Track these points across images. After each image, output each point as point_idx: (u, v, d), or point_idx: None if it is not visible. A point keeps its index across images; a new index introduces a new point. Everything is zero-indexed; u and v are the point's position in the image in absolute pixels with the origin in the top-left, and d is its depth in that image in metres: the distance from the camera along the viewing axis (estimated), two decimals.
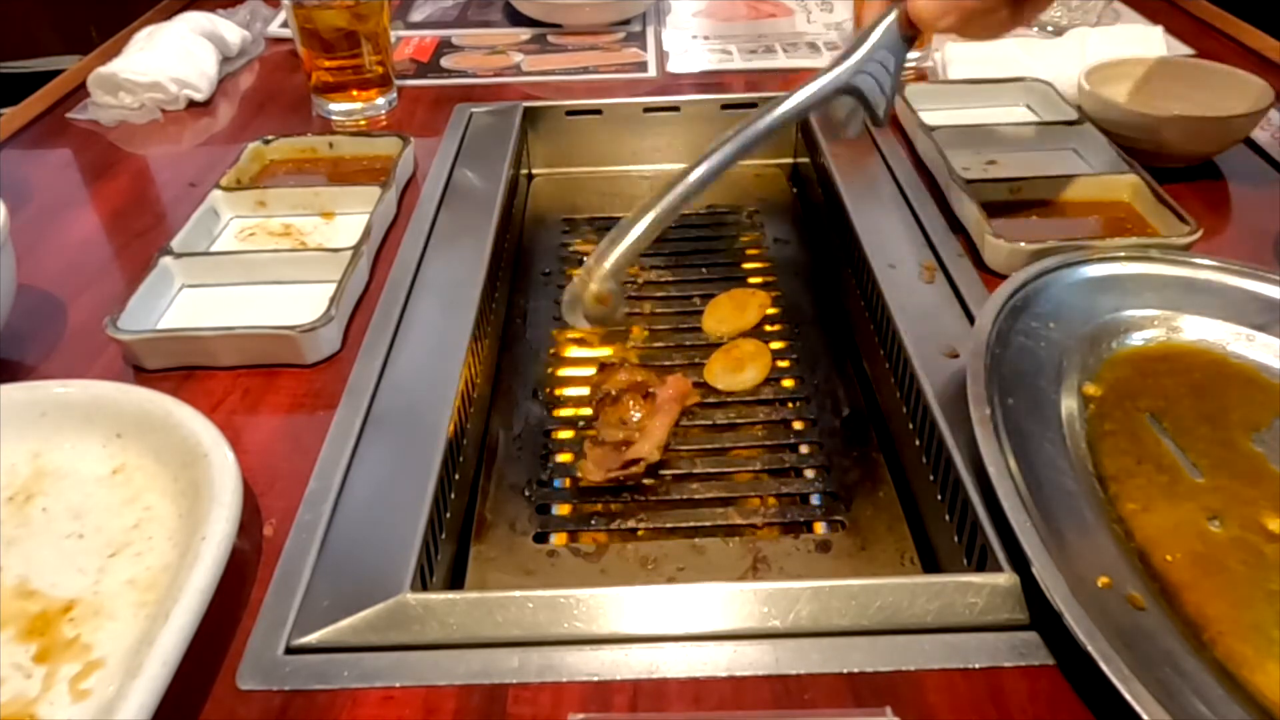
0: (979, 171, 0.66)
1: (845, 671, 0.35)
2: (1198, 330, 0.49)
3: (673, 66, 0.88)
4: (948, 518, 0.44)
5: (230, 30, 0.89)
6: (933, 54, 0.86)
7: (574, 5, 0.96)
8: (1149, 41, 0.82)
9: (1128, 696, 0.30)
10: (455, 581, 0.47)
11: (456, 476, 0.48)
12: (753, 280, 0.69)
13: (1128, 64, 0.72)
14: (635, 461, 0.51)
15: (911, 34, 0.45)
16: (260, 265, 0.57)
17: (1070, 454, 0.42)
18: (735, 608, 0.37)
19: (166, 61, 0.81)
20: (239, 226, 0.64)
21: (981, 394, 0.41)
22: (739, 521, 0.50)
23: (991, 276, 0.56)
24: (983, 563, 0.40)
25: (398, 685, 0.35)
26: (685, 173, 0.44)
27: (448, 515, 0.45)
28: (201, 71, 0.83)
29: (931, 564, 0.47)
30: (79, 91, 0.83)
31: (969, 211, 0.59)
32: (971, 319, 0.52)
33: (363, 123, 0.79)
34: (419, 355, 0.51)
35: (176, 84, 0.80)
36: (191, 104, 0.82)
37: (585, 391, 0.59)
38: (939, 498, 0.45)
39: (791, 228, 0.76)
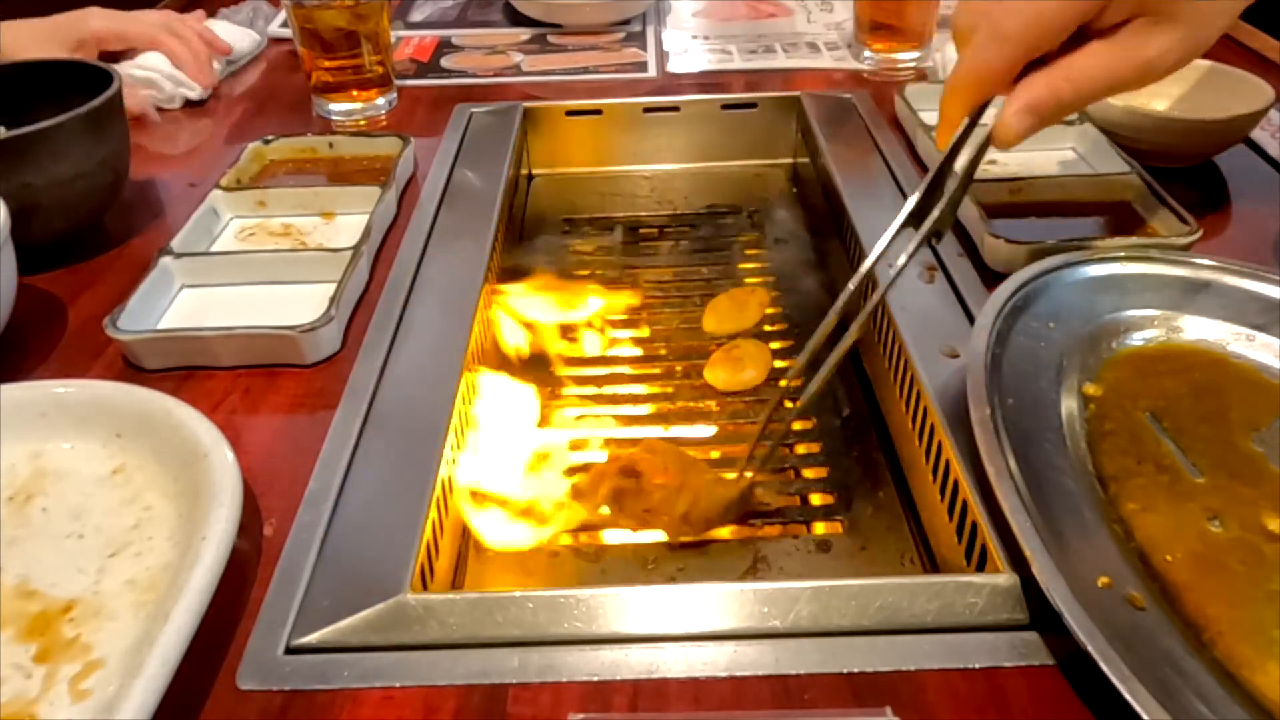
0: (979, 172, 0.66)
1: (845, 671, 0.35)
2: (1198, 330, 0.49)
3: (673, 66, 0.88)
4: (948, 518, 0.44)
5: (230, 30, 0.89)
6: (933, 54, 0.86)
7: (574, 5, 0.96)
8: None
9: (1128, 696, 0.30)
10: (455, 581, 0.47)
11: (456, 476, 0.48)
12: (752, 280, 0.69)
13: None
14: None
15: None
16: (260, 265, 0.57)
17: (1070, 454, 0.42)
18: (735, 608, 0.37)
19: (161, 60, 0.81)
20: (239, 226, 0.64)
21: (981, 394, 0.41)
22: (739, 522, 0.50)
23: (992, 276, 0.56)
24: (983, 563, 0.40)
25: (398, 685, 0.35)
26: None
27: (448, 515, 0.45)
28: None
29: (931, 564, 0.47)
30: None
31: (969, 211, 0.59)
32: (971, 319, 0.52)
33: (363, 123, 0.79)
34: (419, 355, 0.51)
35: (172, 81, 0.80)
36: (188, 103, 0.82)
37: (582, 391, 0.59)
38: (939, 498, 0.45)
39: (791, 228, 0.76)
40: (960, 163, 0.42)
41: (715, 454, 0.55)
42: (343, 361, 0.51)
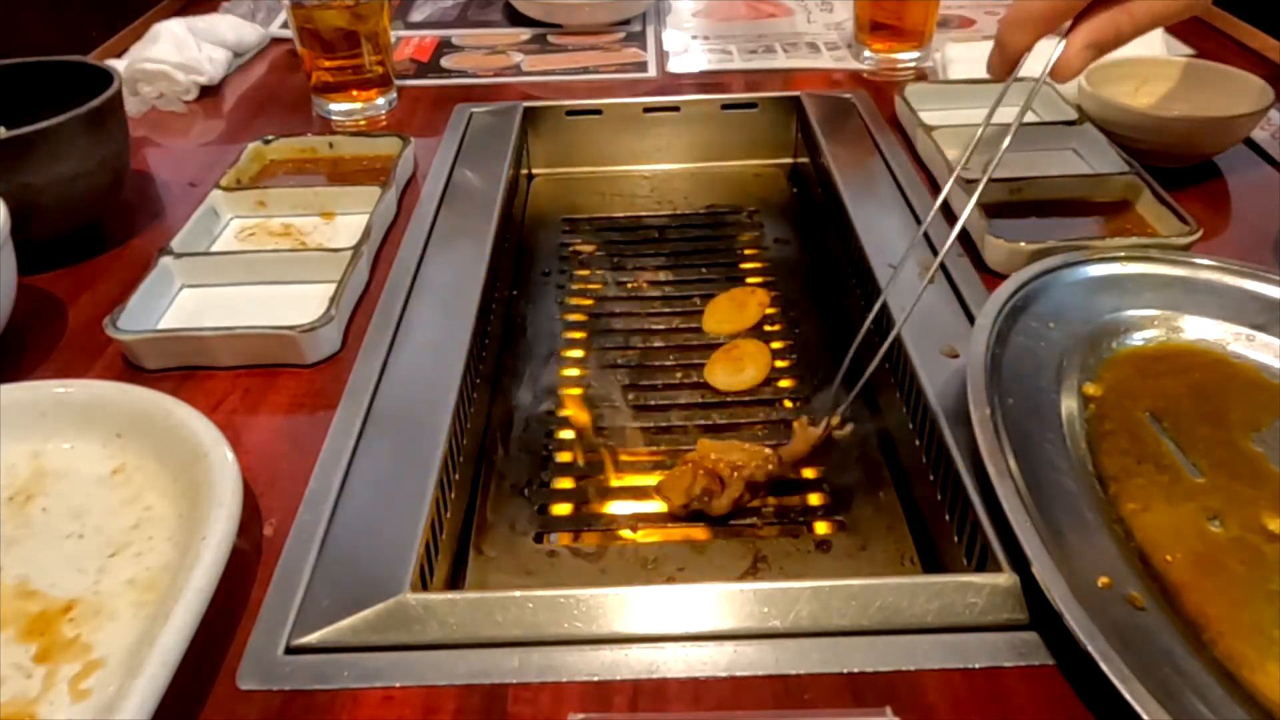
0: (979, 171, 0.66)
1: (845, 671, 0.35)
2: (1198, 330, 0.49)
3: (673, 66, 0.88)
4: (948, 518, 0.44)
5: (232, 24, 0.89)
6: (933, 54, 0.86)
7: (574, 5, 0.96)
8: (1149, 41, 0.82)
9: (1128, 696, 0.30)
10: (455, 581, 0.47)
11: (456, 476, 0.48)
12: (752, 280, 0.69)
13: (1128, 64, 0.72)
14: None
15: None
16: (260, 265, 0.57)
17: (1070, 454, 0.42)
18: (735, 608, 0.37)
19: (170, 50, 0.81)
20: (239, 226, 0.64)
21: (981, 394, 0.41)
22: (739, 521, 0.50)
23: (991, 276, 0.56)
24: (983, 563, 0.40)
25: (398, 685, 0.35)
26: None
27: (448, 515, 0.45)
28: (209, 57, 0.83)
29: (931, 564, 0.47)
30: None
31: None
32: (971, 319, 0.52)
33: (363, 123, 0.79)
34: (419, 355, 0.51)
35: (183, 70, 0.81)
36: (203, 93, 0.83)
37: (581, 391, 0.59)
38: (939, 498, 0.45)
39: (791, 228, 0.76)
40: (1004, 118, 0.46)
41: None
42: (343, 361, 0.51)
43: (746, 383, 0.59)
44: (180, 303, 0.56)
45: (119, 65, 0.79)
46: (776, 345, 0.62)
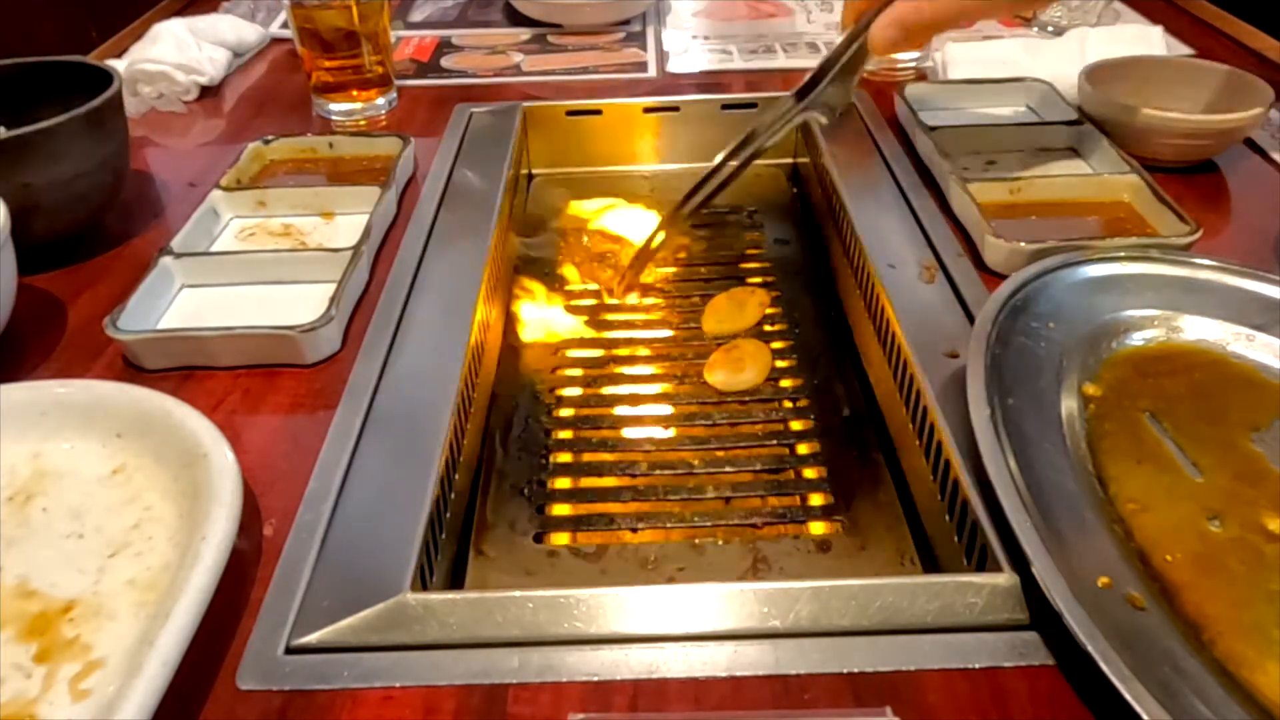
0: (979, 171, 0.66)
1: (845, 671, 0.35)
2: (1198, 330, 0.49)
3: (673, 66, 0.88)
4: (948, 518, 0.44)
5: (232, 24, 0.89)
6: (933, 54, 0.86)
7: (574, 5, 0.96)
8: (1149, 41, 0.82)
9: (1128, 696, 0.30)
10: (455, 581, 0.47)
11: (456, 476, 0.48)
12: (752, 280, 0.69)
13: (1128, 64, 0.72)
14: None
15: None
16: (260, 265, 0.57)
17: (1070, 454, 0.42)
18: (735, 608, 0.37)
19: (170, 50, 0.81)
20: (239, 226, 0.64)
21: (981, 394, 0.41)
22: (739, 521, 0.50)
23: (991, 276, 0.56)
24: (983, 563, 0.40)
25: (398, 685, 0.35)
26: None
27: (448, 515, 0.45)
28: (209, 57, 0.83)
29: (931, 564, 0.47)
30: None
31: (969, 211, 0.59)
32: (971, 319, 0.52)
33: (363, 123, 0.79)
34: (419, 355, 0.51)
35: (183, 71, 0.81)
36: (203, 93, 0.83)
37: (581, 391, 0.59)
38: (939, 498, 0.45)
39: (791, 228, 0.76)
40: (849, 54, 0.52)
41: (720, 454, 0.55)
42: (343, 361, 0.51)
43: (746, 383, 0.59)
44: (180, 303, 0.56)
45: (119, 65, 0.79)
46: (776, 345, 0.62)
